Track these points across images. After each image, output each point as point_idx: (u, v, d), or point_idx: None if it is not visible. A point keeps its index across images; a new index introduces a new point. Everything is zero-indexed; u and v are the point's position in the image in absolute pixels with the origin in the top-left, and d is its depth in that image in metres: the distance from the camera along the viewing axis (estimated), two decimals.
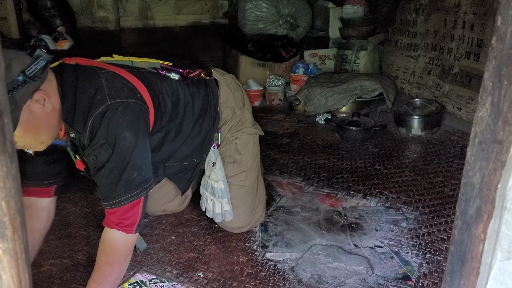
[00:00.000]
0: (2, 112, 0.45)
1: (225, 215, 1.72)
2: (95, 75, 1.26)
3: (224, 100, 1.67)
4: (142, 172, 1.26)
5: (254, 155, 1.76)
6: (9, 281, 0.50)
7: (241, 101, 1.74)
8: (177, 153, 1.56)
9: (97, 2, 3.73)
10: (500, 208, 0.59)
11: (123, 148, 1.21)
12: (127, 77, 1.29)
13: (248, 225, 1.79)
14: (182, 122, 1.50)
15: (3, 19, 3.10)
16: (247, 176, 1.74)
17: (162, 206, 1.87)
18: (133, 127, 1.23)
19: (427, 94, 3.21)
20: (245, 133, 1.73)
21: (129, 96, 1.25)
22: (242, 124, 1.72)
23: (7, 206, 0.47)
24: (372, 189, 2.15)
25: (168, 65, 1.48)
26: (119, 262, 1.32)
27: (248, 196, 1.76)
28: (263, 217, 1.85)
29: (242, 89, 1.80)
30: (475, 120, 0.58)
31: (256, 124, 1.82)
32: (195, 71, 1.54)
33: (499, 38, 0.53)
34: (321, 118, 3.12)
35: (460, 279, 0.66)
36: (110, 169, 1.21)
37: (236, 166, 1.72)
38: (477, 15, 2.70)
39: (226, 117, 1.68)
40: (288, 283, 1.50)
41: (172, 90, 1.44)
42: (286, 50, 3.60)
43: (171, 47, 4.04)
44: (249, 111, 1.78)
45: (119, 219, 1.26)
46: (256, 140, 1.79)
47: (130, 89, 1.27)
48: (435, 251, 1.67)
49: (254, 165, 1.76)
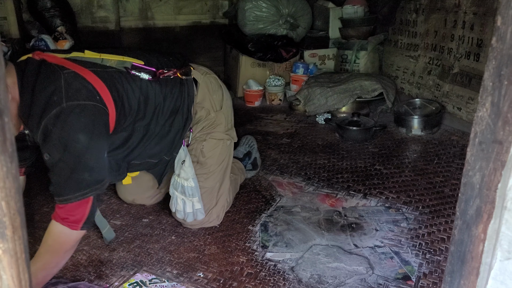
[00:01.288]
0: (2, 112, 0.45)
1: (197, 214, 1.74)
2: (56, 75, 1.27)
3: (200, 101, 1.67)
4: (94, 173, 1.28)
5: (221, 160, 1.76)
6: (9, 281, 0.50)
7: (218, 103, 1.73)
8: (145, 152, 1.57)
9: (97, 2, 3.73)
10: (500, 208, 0.59)
11: (75, 149, 1.23)
12: (89, 78, 1.30)
13: (199, 224, 1.80)
14: (150, 122, 1.51)
15: (3, 19, 3.10)
16: (208, 179, 1.75)
17: (132, 196, 1.94)
18: (88, 129, 1.25)
19: (427, 94, 3.21)
20: (215, 137, 1.72)
21: (87, 98, 1.26)
22: (214, 127, 1.72)
23: (7, 206, 0.47)
24: (372, 189, 2.15)
25: (140, 64, 1.47)
26: (58, 254, 1.35)
27: (204, 198, 1.75)
28: (217, 222, 1.84)
29: (224, 91, 1.78)
30: (475, 120, 0.58)
31: (231, 130, 1.81)
32: (169, 71, 1.52)
33: (499, 38, 0.53)
34: (321, 118, 3.12)
35: (460, 279, 0.66)
36: (61, 168, 1.25)
37: (199, 167, 1.72)
38: (477, 15, 2.70)
39: (199, 117, 1.69)
40: (288, 283, 1.50)
41: (140, 90, 1.44)
42: (286, 50, 3.60)
43: (171, 47, 4.03)
44: (226, 115, 1.76)
45: (65, 215, 1.29)
46: (226, 146, 1.77)
47: (89, 91, 1.28)
48: (435, 251, 1.67)
49: (219, 169, 1.76)
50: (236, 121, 3.16)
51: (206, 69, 1.78)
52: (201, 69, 1.73)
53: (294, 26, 3.68)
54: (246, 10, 3.60)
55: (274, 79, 3.61)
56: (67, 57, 1.37)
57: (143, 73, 1.45)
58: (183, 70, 1.59)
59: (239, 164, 2.16)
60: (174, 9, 4.02)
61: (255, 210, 1.97)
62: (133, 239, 1.75)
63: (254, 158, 2.32)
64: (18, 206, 0.49)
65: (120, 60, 1.44)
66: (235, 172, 2.05)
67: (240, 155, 2.26)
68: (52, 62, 1.31)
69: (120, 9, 3.84)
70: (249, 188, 2.16)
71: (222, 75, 4.28)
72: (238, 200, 2.05)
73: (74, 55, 1.40)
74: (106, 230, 1.70)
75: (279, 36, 3.63)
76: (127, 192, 1.94)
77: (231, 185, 1.93)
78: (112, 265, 1.60)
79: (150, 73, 1.47)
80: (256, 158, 2.32)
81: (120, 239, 1.75)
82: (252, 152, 2.32)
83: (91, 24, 3.75)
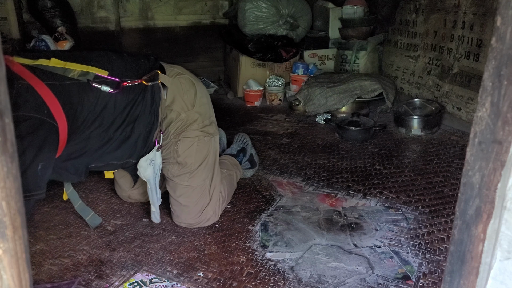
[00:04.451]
0: (3, 112, 0.45)
1: (153, 216, 1.81)
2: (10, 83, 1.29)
3: (169, 103, 1.69)
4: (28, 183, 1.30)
5: (201, 157, 1.76)
6: (9, 281, 0.50)
7: (190, 102, 1.73)
8: (105, 156, 1.60)
9: (97, 2, 3.73)
10: (500, 208, 0.59)
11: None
12: (41, 92, 1.33)
13: (197, 223, 1.82)
14: (109, 129, 1.53)
15: (4, 19, 3.10)
16: (192, 177, 1.75)
17: (127, 192, 2.00)
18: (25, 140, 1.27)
19: (427, 94, 3.21)
20: (188, 135, 1.72)
21: (33, 110, 1.30)
22: (187, 126, 1.72)
23: (7, 206, 0.47)
24: (372, 189, 2.15)
25: (103, 76, 1.49)
26: None
27: (194, 196, 1.77)
28: (215, 218, 1.86)
29: (197, 89, 1.77)
30: (475, 120, 0.59)
31: (209, 126, 1.79)
32: (133, 81, 1.55)
33: (499, 38, 0.54)
34: (321, 118, 3.12)
35: (459, 279, 0.66)
36: None
37: (180, 167, 1.74)
38: (476, 15, 2.70)
39: (170, 119, 1.70)
40: (288, 282, 1.51)
41: (98, 100, 1.47)
42: (286, 50, 3.60)
43: (171, 47, 4.04)
44: (200, 112, 1.75)
45: None
46: (203, 143, 1.76)
47: (38, 105, 1.31)
48: (435, 251, 1.67)
49: (202, 166, 1.76)
50: (236, 121, 3.19)
51: (180, 69, 1.78)
52: (172, 71, 1.73)
53: (294, 26, 3.68)
54: (246, 11, 3.60)
55: (274, 79, 3.61)
56: (32, 64, 1.39)
57: (104, 86, 1.48)
58: (148, 77, 1.60)
59: (232, 160, 2.16)
60: (174, 9, 4.02)
61: (255, 210, 1.97)
62: (133, 239, 1.75)
63: (250, 154, 2.32)
64: (19, 206, 0.49)
65: (84, 70, 1.46)
66: (229, 168, 2.06)
67: (233, 152, 2.26)
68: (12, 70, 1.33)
69: (120, 9, 3.85)
70: (249, 188, 2.17)
71: (222, 75, 4.29)
72: (238, 200, 2.05)
73: (40, 62, 1.42)
74: (90, 216, 1.79)
75: (279, 36, 3.63)
76: (121, 189, 2.00)
77: (225, 179, 1.94)
78: (112, 265, 1.60)
79: (113, 84, 1.50)
80: (252, 154, 2.32)
81: (121, 239, 1.75)
82: (247, 148, 2.32)
83: (92, 25, 3.75)
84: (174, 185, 1.77)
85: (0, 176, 0.46)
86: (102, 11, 3.77)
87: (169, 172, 1.75)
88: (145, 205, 2.00)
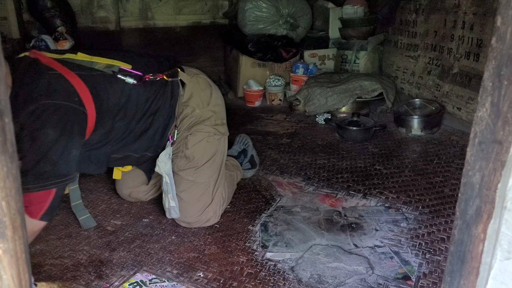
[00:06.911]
0: (3, 112, 0.45)
1: (171, 212, 1.78)
2: (41, 75, 1.37)
3: (186, 100, 1.74)
4: (56, 167, 1.34)
5: (209, 154, 1.78)
6: (9, 281, 0.50)
7: (206, 100, 1.79)
8: (124, 147, 1.65)
9: (97, 2, 3.73)
10: (500, 208, 0.59)
11: (42, 142, 1.31)
12: (72, 80, 1.40)
13: (197, 222, 1.81)
14: (131, 121, 1.60)
15: (3, 19, 3.10)
16: (197, 173, 1.77)
17: (128, 189, 1.99)
18: (58, 126, 1.33)
19: (427, 94, 3.21)
20: (200, 129, 1.76)
21: (64, 98, 1.36)
22: (200, 123, 1.76)
23: (7, 206, 0.47)
24: (372, 189, 2.15)
25: (127, 68, 1.57)
26: None
27: (197, 193, 1.78)
28: (215, 219, 1.85)
29: (213, 89, 1.84)
30: (475, 120, 0.59)
31: (221, 125, 1.83)
32: (155, 76, 1.62)
33: (499, 38, 0.53)
34: (321, 118, 3.12)
35: (460, 279, 0.66)
36: (28, 158, 1.31)
37: (187, 161, 1.76)
38: (477, 15, 2.70)
39: (185, 114, 1.75)
40: (288, 283, 1.50)
41: (122, 92, 1.54)
42: (286, 50, 3.60)
43: (172, 47, 4.03)
44: (214, 111, 1.80)
45: (26, 203, 1.33)
46: (213, 140, 1.79)
47: (69, 93, 1.37)
48: (435, 251, 1.67)
49: (209, 164, 1.78)
50: (237, 121, 3.19)
51: (197, 70, 1.86)
52: (190, 71, 1.81)
53: (294, 26, 3.68)
54: (246, 11, 3.60)
55: (274, 79, 3.61)
56: (59, 57, 1.47)
57: (128, 77, 1.55)
58: (169, 73, 1.68)
59: (233, 161, 2.17)
60: (174, 9, 4.02)
61: (255, 210, 1.97)
62: (133, 239, 1.75)
63: (251, 155, 2.32)
64: (18, 206, 0.49)
65: (109, 63, 1.54)
66: (230, 169, 2.07)
67: (234, 153, 2.27)
68: (42, 62, 1.41)
69: (120, 9, 3.85)
70: (249, 188, 2.17)
71: (222, 75, 4.28)
72: (238, 200, 2.05)
73: (67, 56, 1.49)
74: (85, 217, 1.80)
75: (279, 36, 3.63)
76: (123, 186, 2.00)
77: (226, 181, 1.94)
78: (112, 265, 1.60)
79: (136, 77, 1.57)
80: (253, 155, 2.33)
81: (120, 239, 1.75)
82: (248, 149, 2.33)
83: (91, 25, 3.75)
84: (178, 180, 1.77)
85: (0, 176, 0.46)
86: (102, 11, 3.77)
87: (176, 166, 1.76)
88: (145, 205, 2.00)
